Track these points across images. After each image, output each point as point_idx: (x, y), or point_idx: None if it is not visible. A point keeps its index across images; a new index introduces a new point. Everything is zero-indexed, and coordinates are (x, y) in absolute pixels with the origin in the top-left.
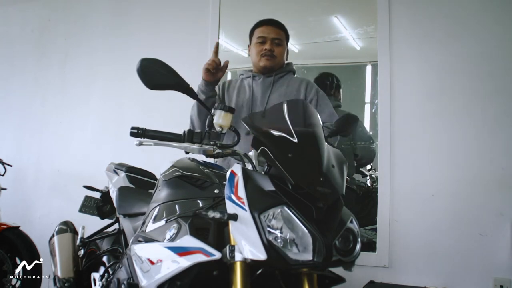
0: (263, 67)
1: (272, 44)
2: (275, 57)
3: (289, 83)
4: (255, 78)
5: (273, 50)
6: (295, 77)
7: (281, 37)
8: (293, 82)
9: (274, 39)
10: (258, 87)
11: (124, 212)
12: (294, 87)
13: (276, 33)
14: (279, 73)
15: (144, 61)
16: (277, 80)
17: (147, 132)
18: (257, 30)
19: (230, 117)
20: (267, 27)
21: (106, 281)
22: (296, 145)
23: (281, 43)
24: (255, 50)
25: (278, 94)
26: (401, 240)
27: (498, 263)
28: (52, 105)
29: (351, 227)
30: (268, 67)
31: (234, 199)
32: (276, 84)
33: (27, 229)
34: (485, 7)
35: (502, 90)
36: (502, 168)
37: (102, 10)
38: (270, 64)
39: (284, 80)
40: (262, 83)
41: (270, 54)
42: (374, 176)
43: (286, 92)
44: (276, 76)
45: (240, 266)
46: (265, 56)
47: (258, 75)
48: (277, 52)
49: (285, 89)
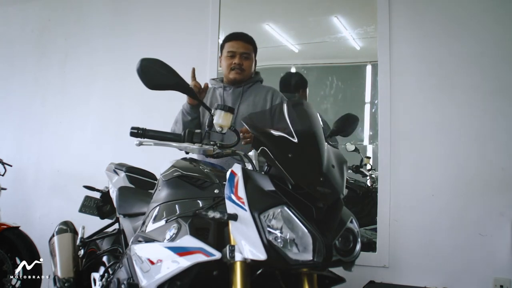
0: (232, 79)
1: (241, 58)
2: (244, 70)
3: (256, 93)
4: (226, 88)
5: (242, 64)
6: (263, 86)
7: (249, 51)
8: (260, 91)
9: (243, 53)
10: (228, 97)
11: (124, 212)
12: (261, 96)
13: (245, 48)
14: (248, 83)
15: (144, 61)
16: (246, 90)
17: (147, 132)
18: (227, 44)
19: (230, 117)
20: (237, 42)
21: (106, 281)
22: (296, 145)
23: (249, 57)
24: (225, 63)
25: (247, 104)
26: (401, 240)
27: (498, 263)
28: (52, 105)
29: (351, 227)
30: (237, 80)
31: (234, 199)
32: (245, 94)
33: (27, 229)
34: (485, 7)
35: (502, 90)
36: (502, 168)
37: (102, 10)
38: (239, 77)
39: (252, 90)
40: (232, 93)
41: (239, 67)
42: (374, 176)
43: (254, 102)
44: (245, 87)
45: (240, 266)
46: (234, 70)
47: (229, 86)
48: (246, 66)
49: (253, 98)
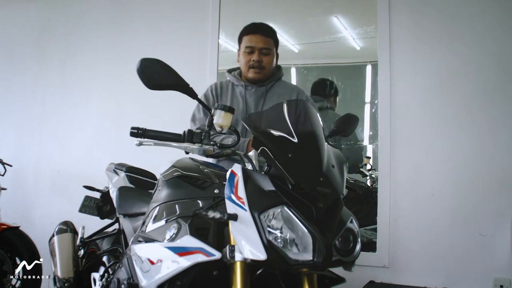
0: (252, 78)
1: (260, 54)
2: (264, 68)
3: (280, 93)
4: (247, 88)
5: (261, 61)
6: (285, 83)
7: (270, 46)
8: (284, 90)
9: (262, 49)
10: (251, 97)
11: (124, 212)
12: (286, 96)
13: (264, 42)
14: (270, 82)
15: (144, 61)
16: (269, 90)
17: (147, 132)
18: (245, 38)
19: (230, 117)
20: (255, 36)
21: (106, 281)
22: (296, 145)
23: (270, 52)
24: (244, 60)
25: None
26: (401, 240)
27: (498, 263)
28: (52, 105)
29: (351, 227)
30: (256, 79)
31: (234, 199)
32: (268, 94)
33: (27, 229)
34: (485, 7)
35: (502, 90)
36: (502, 168)
37: (102, 10)
38: (258, 76)
39: (275, 88)
40: (255, 93)
41: (259, 65)
42: (374, 176)
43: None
44: (268, 86)
45: (240, 266)
46: (253, 68)
47: (250, 85)
48: (266, 62)
49: (276, 99)
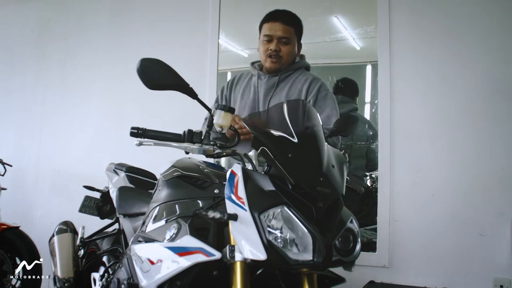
0: (268, 68)
1: (279, 43)
2: (281, 57)
3: (293, 83)
4: (260, 77)
5: (279, 50)
6: (303, 73)
7: (289, 35)
8: (298, 81)
9: (281, 38)
10: (262, 87)
11: (124, 212)
12: (298, 87)
13: (284, 31)
14: (286, 72)
15: (144, 61)
16: (282, 80)
17: (147, 132)
18: (265, 26)
19: (230, 117)
20: (274, 24)
21: (106, 281)
22: (296, 145)
23: (290, 42)
24: (262, 49)
25: (279, 97)
26: (401, 240)
27: (498, 263)
28: (52, 105)
29: (351, 227)
30: (273, 69)
31: (234, 199)
32: (280, 84)
33: (27, 229)
34: (485, 7)
35: (502, 90)
36: (502, 168)
37: (102, 11)
38: (275, 66)
39: (290, 79)
40: (266, 83)
41: (276, 55)
42: (374, 176)
43: (288, 94)
44: (282, 76)
45: (240, 266)
46: (270, 58)
47: (264, 74)
48: (284, 52)
49: (287, 90)
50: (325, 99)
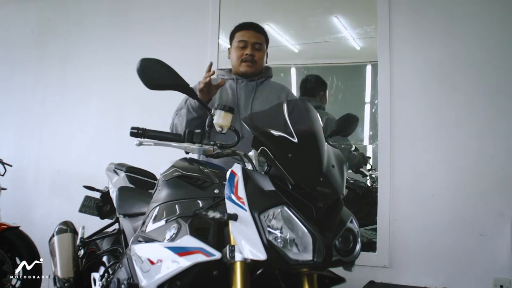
0: (243, 72)
1: (253, 49)
2: (256, 62)
3: (270, 90)
4: (238, 81)
5: (253, 55)
6: (274, 82)
7: (262, 42)
8: (274, 89)
9: (255, 43)
10: (241, 91)
11: (124, 212)
12: (276, 94)
13: (257, 38)
14: (260, 78)
15: (144, 61)
16: (259, 85)
17: (147, 132)
18: (238, 34)
19: (230, 117)
20: (248, 31)
21: (106, 281)
22: (296, 145)
23: (262, 48)
24: (236, 54)
25: (261, 100)
26: (401, 240)
27: (498, 263)
28: (52, 105)
29: (351, 227)
30: (249, 73)
31: (234, 199)
32: (258, 89)
33: (27, 229)
34: (485, 7)
35: (502, 90)
36: (502, 168)
37: (102, 11)
38: (250, 70)
39: (265, 85)
40: (245, 87)
41: (251, 59)
42: (374, 176)
43: (268, 98)
44: (258, 81)
45: (240, 266)
46: (246, 62)
47: (241, 79)
48: (258, 57)
49: (267, 95)
50: None
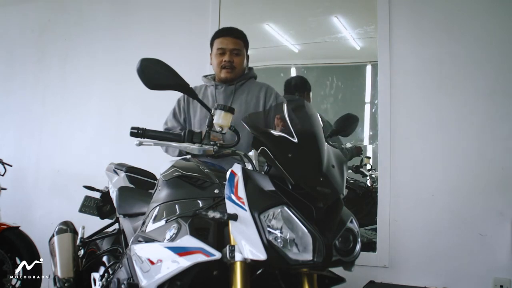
0: (224, 78)
1: (231, 55)
2: (235, 68)
3: (249, 90)
4: (217, 87)
5: (232, 61)
6: (256, 82)
7: (240, 47)
8: (253, 89)
9: (233, 50)
10: (220, 96)
11: (124, 212)
12: (254, 94)
13: (235, 44)
14: (240, 81)
15: (144, 61)
16: (238, 88)
17: (147, 132)
18: (217, 41)
19: (230, 117)
20: (226, 38)
21: (106, 281)
22: (296, 145)
23: (240, 53)
24: (216, 61)
25: (239, 103)
26: (401, 240)
27: (498, 263)
28: (52, 105)
29: (351, 227)
30: (228, 79)
31: (234, 199)
32: (237, 92)
33: (27, 229)
34: (485, 7)
35: (502, 90)
36: (502, 168)
37: (102, 11)
38: (230, 76)
39: (245, 87)
40: (224, 92)
41: (230, 65)
42: (374, 176)
43: (246, 100)
44: (237, 84)
45: (240, 266)
46: (225, 68)
47: (221, 84)
48: (237, 63)
49: (245, 97)
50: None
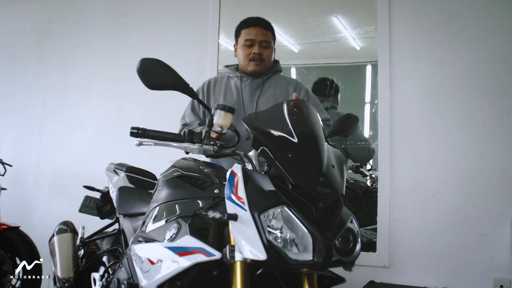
0: (252, 71)
1: (260, 47)
2: (264, 60)
3: (277, 84)
4: (243, 79)
5: (261, 54)
6: (283, 76)
7: (269, 39)
8: (281, 83)
9: (262, 41)
10: (246, 89)
11: (124, 212)
12: (282, 88)
13: (264, 35)
14: (267, 74)
15: (144, 61)
16: (265, 82)
17: (147, 132)
18: (244, 31)
19: (230, 117)
20: (255, 29)
21: (106, 281)
22: (296, 145)
23: (269, 45)
24: (243, 53)
25: (267, 97)
26: (401, 240)
27: (498, 263)
28: (52, 105)
29: (351, 227)
30: (256, 72)
31: (234, 199)
32: (264, 86)
33: (27, 229)
34: (485, 7)
35: (502, 90)
36: (502, 168)
37: (102, 11)
38: (258, 69)
39: (271, 81)
40: (250, 85)
41: (259, 58)
42: (374, 176)
43: (275, 94)
44: (264, 78)
45: (240, 266)
46: (254, 61)
47: (246, 76)
48: (266, 55)
49: (273, 91)
50: (314, 100)
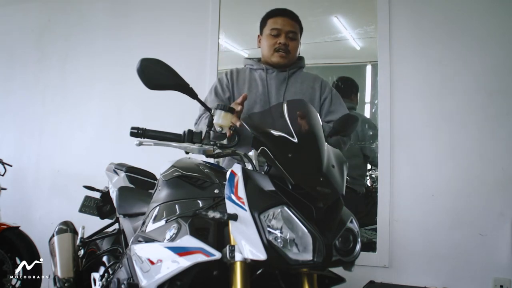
0: (276, 63)
1: (287, 38)
2: (290, 52)
3: (303, 80)
4: (268, 71)
5: (287, 45)
6: (307, 72)
7: (296, 30)
8: (306, 79)
9: (289, 32)
10: (272, 81)
11: (124, 212)
12: (309, 84)
13: (291, 26)
14: (292, 68)
15: (144, 61)
16: (290, 76)
17: (147, 132)
18: (271, 20)
19: (230, 117)
20: (282, 19)
21: (106, 281)
22: (296, 145)
23: (296, 37)
24: (268, 43)
25: (294, 91)
26: (401, 240)
27: (498, 263)
28: (52, 105)
29: (351, 227)
30: (281, 64)
31: (234, 199)
32: (290, 79)
33: (27, 229)
34: (485, 7)
35: (502, 90)
36: (502, 168)
37: (102, 11)
38: (283, 61)
39: (297, 76)
40: (276, 77)
41: (285, 49)
42: (374, 176)
43: (301, 89)
44: (290, 71)
45: (240, 266)
46: (279, 52)
47: (272, 69)
48: (292, 47)
49: (299, 86)
50: (338, 98)
